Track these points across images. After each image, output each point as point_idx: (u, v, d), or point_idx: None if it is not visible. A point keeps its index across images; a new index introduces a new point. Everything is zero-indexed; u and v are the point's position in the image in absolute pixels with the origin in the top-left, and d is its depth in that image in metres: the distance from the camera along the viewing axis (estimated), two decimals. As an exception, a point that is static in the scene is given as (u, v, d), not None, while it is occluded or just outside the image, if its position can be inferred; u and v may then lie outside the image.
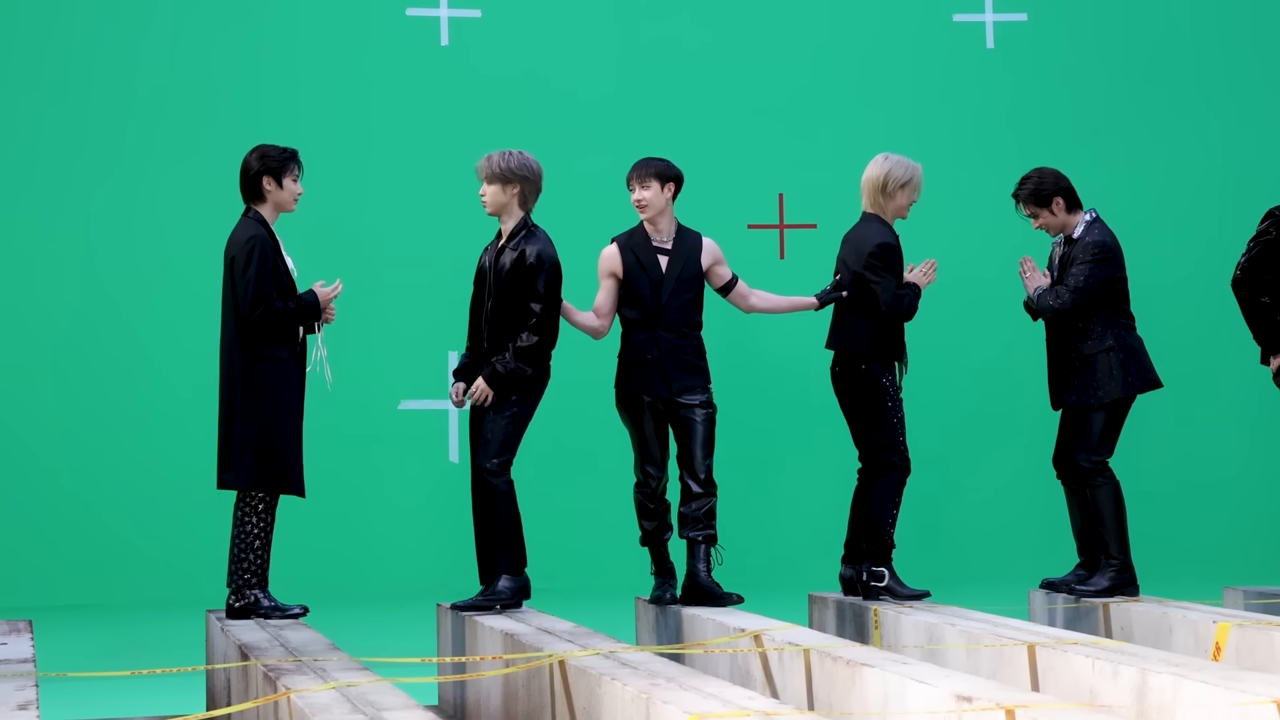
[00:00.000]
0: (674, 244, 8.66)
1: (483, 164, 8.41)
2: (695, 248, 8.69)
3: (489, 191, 8.39)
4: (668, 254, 8.64)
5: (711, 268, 8.75)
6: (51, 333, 13.12)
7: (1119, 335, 8.75)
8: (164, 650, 9.98)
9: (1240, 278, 8.84)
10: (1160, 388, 8.90)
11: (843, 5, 14.07)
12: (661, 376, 8.57)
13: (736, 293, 8.90)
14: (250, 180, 8.27)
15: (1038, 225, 8.90)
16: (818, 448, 13.11)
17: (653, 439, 8.62)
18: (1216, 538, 13.78)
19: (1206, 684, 5.66)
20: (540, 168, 8.43)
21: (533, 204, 8.43)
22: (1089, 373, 8.73)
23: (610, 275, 8.70)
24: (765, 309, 9.13)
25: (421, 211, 13.56)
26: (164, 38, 13.37)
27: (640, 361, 8.60)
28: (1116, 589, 8.69)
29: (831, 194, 13.36)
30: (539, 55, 13.81)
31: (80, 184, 13.22)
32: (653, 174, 8.63)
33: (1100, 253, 8.73)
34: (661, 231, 8.67)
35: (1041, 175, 8.89)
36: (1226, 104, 14.21)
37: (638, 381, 8.60)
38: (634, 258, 8.64)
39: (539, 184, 8.42)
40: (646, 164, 8.67)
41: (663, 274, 8.61)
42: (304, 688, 5.87)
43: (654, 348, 8.58)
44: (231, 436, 8.11)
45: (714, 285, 8.83)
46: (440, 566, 12.62)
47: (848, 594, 8.90)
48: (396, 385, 13.38)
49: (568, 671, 6.49)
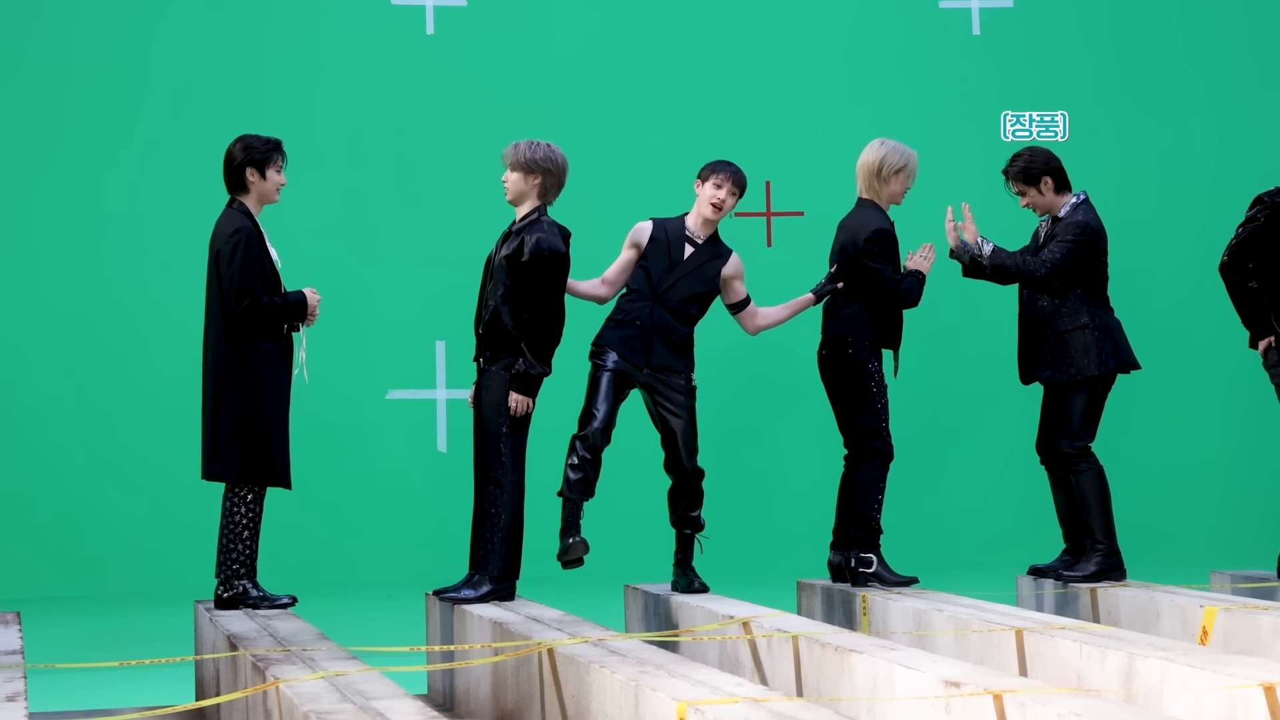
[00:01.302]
0: (705, 242, 8.65)
1: (509, 150, 8.35)
2: (723, 254, 8.68)
3: (511, 179, 8.33)
4: (695, 246, 8.63)
5: (730, 280, 8.74)
6: (37, 327, 13.10)
7: (1094, 314, 8.77)
8: (152, 641, 9.97)
9: (1227, 262, 8.84)
10: (1138, 369, 8.90)
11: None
12: (644, 346, 8.53)
13: (746, 313, 8.89)
14: (234, 171, 8.25)
15: (1025, 204, 8.92)
16: (806, 434, 13.11)
17: (607, 391, 8.45)
18: (1203, 522, 13.80)
19: (1193, 668, 5.67)
20: (566, 162, 8.35)
21: (553, 198, 8.36)
22: (1063, 349, 8.74)
23: (634, 246, 8.66)
24: (770, 323, 9.07)
25: (408, 201, 13.55)
26: (147, 27, 13.34)
27: (627, 324, 8.56)
28: (1103, 574, 8.71)
29: (819, 182, 13.36)
30: (524, 44, 13.79)
31: (74, 176, 13.21)
32: (741, 188, 8.61)
33: (1081, 233, 8.75)
34: (702, 229, 8.67)
35: (1032, 154, 8.91)
36: (1214, 88, 14.22)
37: (616, 343, 8.52)
38: (664, 236, 8.61)
39: (562, 178, 8.35)
40: (743, 182, 8.61)
41: (683, 260, 8.60)
42: (293, 677, 5.87)
43: (646, 317, 8.56)
44: (219, 428, 8.09)
45: (727, 300, 8.82)
46: (429, 556, 12.60)
47: (836, 580, 8.92)
48: (384, 375, 13.37)
49: (557, 660, 6.50)
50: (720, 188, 8.58)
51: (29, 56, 13.22)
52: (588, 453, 8.44)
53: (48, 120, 13.22)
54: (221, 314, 8.09)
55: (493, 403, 8.25)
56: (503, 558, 8.19)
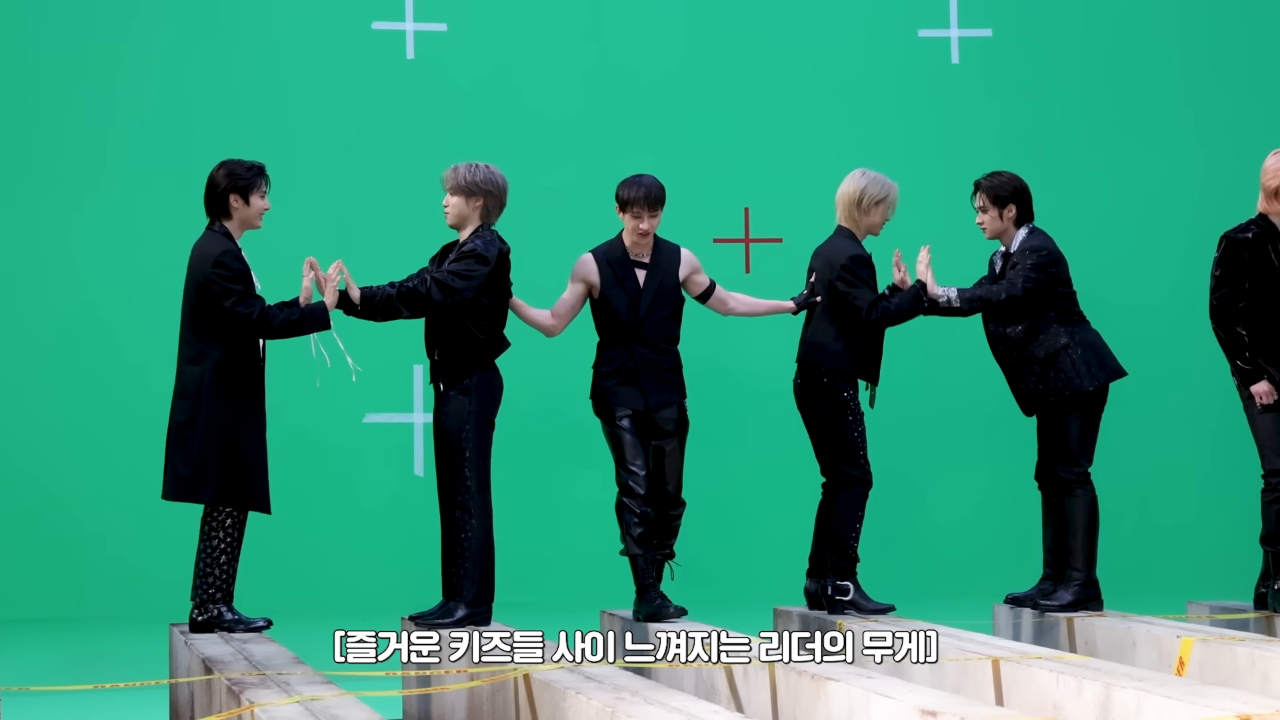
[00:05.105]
0: (652, 258, 8.65)
1: (448, 174, 8.35)
2: (673, 260, 8.68)
3: (452, 203, 8.32)
4: (645, 268, 8.62)
5: (689, 277, 8.76)
6: (16, 346, 13.07)
7: (1071, 332, 8.79)
8: (127, 664, 9.94)
9: (1218, 308, 8.73)
10: (1125, 375, 8.90)
11: (808, 21, 14.09)
12: (637, 390, 8.54)
13: (715, 298, 8.91)
14: (217, 196, 8.22)
15: (980, 220, 8.94)
16: (783, 461, 13.10)
17: (630, 438, 8.50)
18: (1181, 552, 13.81)
19: (1170, 699, 5.67)
20: (506, 182, 8.36)
21: (495, 219, 8.34)
22: (1052, 372, 8.75)
23: (581, 280, 8.65)
24: (744, 312, 9.11)
25: (387, 224, 13.53)
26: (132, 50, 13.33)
27: (615, 374, 8.57)
28: (1080, 603, 8.71)
29: (797, 209, 13.37)
30: (505, 68, 13.80)
31: (57, 195, 13.18)
32: (660, 206, 8.58)
33: (1040, 256, 8.77)
34: (641, 247, 8.66)
35: (1010, 179, 8.92)
36: (1191, 115, 14.25)
37: (611, 394, 8.56)
38: (611, 271, 8.60)
39: (503, 199, 8.35)
40: (658, 197, 8.57)
41: (640, 288, 8.60)
42: (268, 701, 5.86)
43: (629, 360, 8.56)
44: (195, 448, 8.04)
45: (693, 294, 8.83)
46: (405, 580, 12.56)
47: (813, 608, 8.91)
48: (361, 398, 13.34)
49: (533, 685, 6.49)
50: (639, 218, 8.56)
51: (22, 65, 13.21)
52: (641, 508, 8.47)
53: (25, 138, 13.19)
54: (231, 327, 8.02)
55: (454, 427, 8.22)
56: (476, 583, 8.17)
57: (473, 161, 8.36)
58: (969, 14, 14.17)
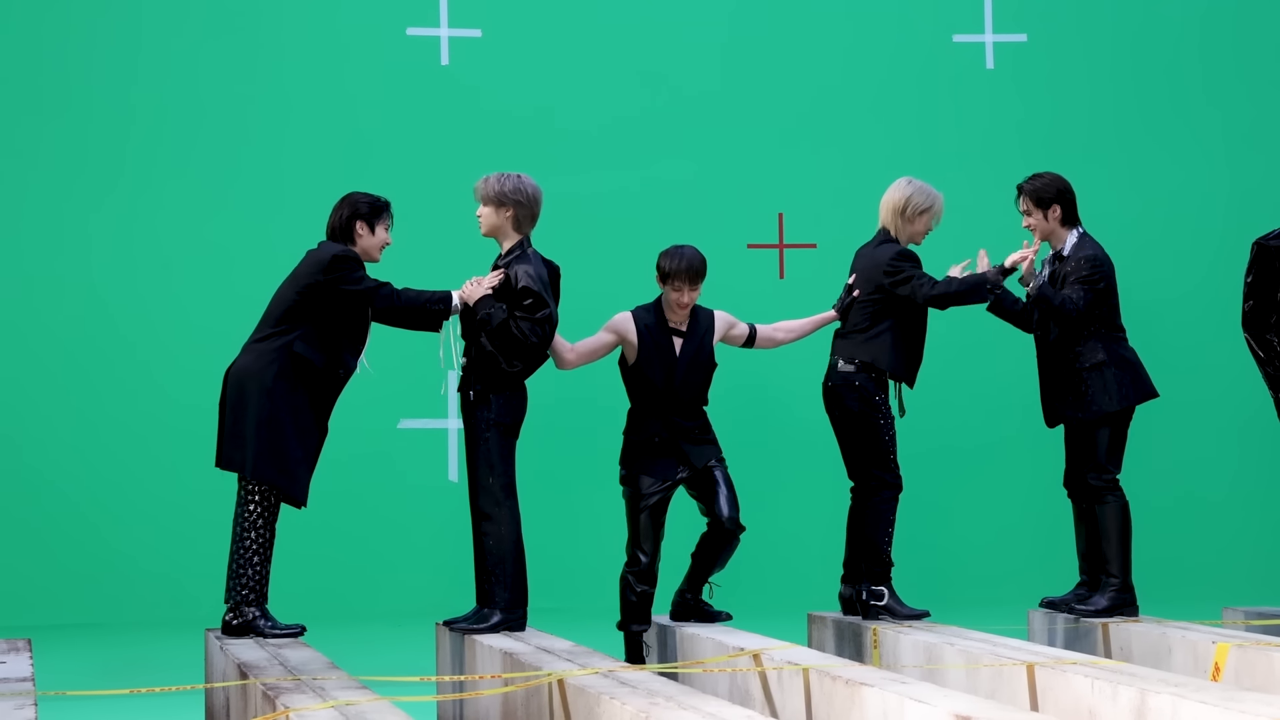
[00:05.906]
0: (689, 326, 8.63)
1: (480, 185, 8.41)
2: (708, 328, 8.66)
3: (484, 213, 8.38)
4: (682, 336, 8.62)
5: (727, 335, 8.77)
6: (49, 349, 13.12)
7: (1110, 349, 8.75)
8: (163, 669, 9.97)
9: (1249, 316, 8.70)
10: (1156, 397, 8.88)
11: (843, 26, 14.08)
12: (674, 460, 8.51)
13: (760, 339, 8.92)
14: (343, 223, 8.32)
15: (1027, 224, 8.91)
16: (817, 466, 13.08)
17: (646, 519, 8.53)
18: (1216, 558, 13.77)
19: (1205, 704, 5.66)
20: (538, 191, 8.38)
21: (529, 228, 8.37)
22: (1083, 388, 8.73)
23: (616, 335, 8.62)
24: (794, 338, 9.09)
25: (420, 231, 13.53)
26: (163, 56, 13.36)
27: (649, 445, 8.55)
28: (1116, 609, 8.69)
29: (832, 214, 13.37)
30: (539, 75, 13.81)
31: (80, 199, 13.22)
32: (701, 279, 8.55)
33: (1095, 268, 8.73)
34: (680, 318, 8.65)
35: (1052, 179, 8.88)
36: (1229, 118, 14.22)
37: (647, 466, 8.53)
38: (649, 340, 8.57)
39: (535, 209, 8.37)
40: (699, 270, 8.52)
41: (676, 356, 8.59)
42: (303, 706, 5.87)
43: (663, 430, 8.55)
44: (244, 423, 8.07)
45: (737, 345, 8.85)
46: (439, 585, 12.60)
47: (847, 613, 8.90)
48: (396, 404, 13.36)
49: (566, 690, 6.49)
50: (679, 291, 8.54)
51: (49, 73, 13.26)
52: (641, 586, 8.52)
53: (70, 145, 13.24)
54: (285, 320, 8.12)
55: (478, 435, 8.26)
56: (508, 589, 8.18)
57: (505, 171, 8.39)
58: (1004, 19, 14.15)
